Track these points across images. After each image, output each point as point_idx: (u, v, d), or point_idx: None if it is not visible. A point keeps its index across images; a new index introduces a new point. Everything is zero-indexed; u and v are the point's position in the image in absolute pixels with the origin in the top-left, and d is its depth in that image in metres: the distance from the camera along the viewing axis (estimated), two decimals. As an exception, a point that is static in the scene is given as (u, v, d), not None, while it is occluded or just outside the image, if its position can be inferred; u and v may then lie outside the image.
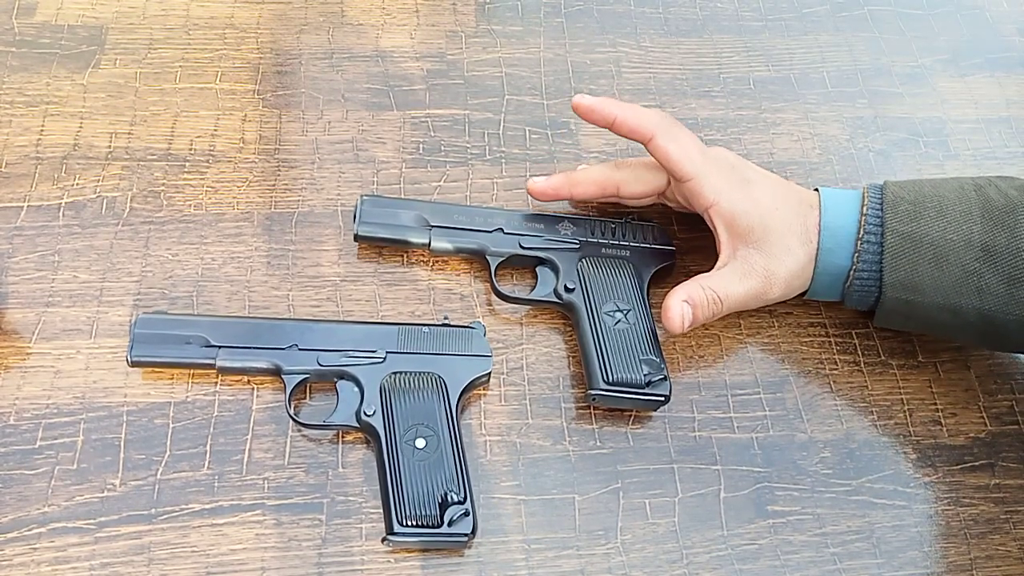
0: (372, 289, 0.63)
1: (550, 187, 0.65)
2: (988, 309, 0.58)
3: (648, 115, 0.61)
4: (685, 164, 0.60)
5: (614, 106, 0.61)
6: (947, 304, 0.58)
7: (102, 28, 0.74)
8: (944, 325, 0.60)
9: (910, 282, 0.58)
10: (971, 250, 0.57)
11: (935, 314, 0.59)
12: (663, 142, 0.60)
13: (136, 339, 0.57)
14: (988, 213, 0.58)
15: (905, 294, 0.59)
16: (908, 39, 0.83)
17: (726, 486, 0.59)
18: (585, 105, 0.61)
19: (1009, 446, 0.62)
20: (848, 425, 0.62)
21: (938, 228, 0.58)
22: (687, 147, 0.61)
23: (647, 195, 0.65)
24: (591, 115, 0.62)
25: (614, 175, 0.65)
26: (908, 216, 0.58)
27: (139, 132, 0.68)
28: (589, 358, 0.59)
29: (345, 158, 0.69)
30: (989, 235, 0.57)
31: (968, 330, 0.60)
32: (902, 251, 0.58)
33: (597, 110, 0.61)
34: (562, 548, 0.56)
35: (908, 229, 0.58)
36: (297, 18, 0.76)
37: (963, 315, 0.58)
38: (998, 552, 0.58)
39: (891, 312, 0.61)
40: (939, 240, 0.58)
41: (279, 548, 0.54)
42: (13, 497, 0.54)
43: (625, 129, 0.61)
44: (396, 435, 0.55)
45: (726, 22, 0.82)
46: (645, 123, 0.61)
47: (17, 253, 0.62)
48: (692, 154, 0.61)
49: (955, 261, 0.57)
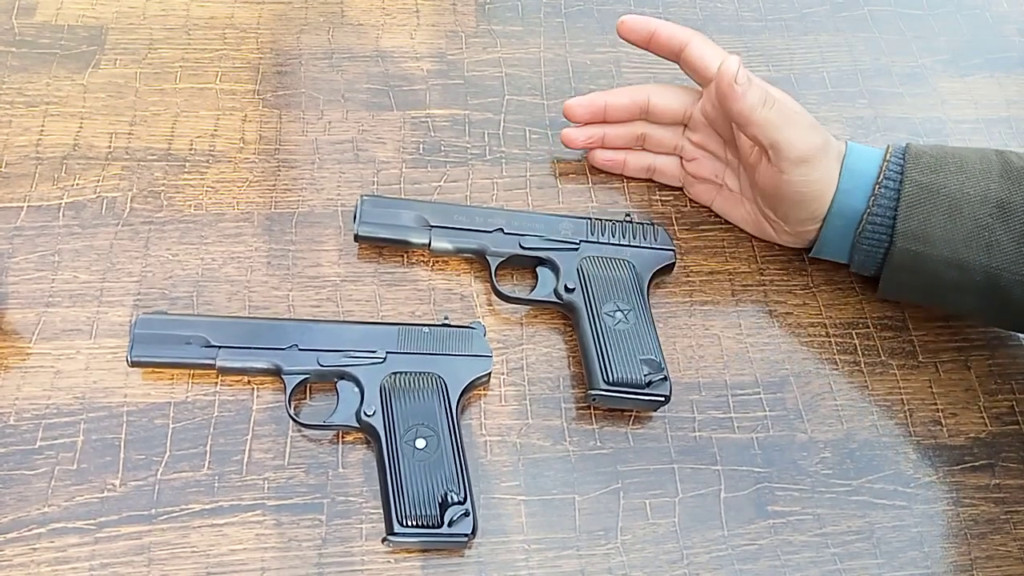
0: (372, 289, 0.63)
1: (585, 100, 0.67)
2: (995, 267, 0.58)
3: (685, 28, 0.65)
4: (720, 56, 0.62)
5: (652, 21, 0.65)
6: (955, 259, 0.59)
7: (102, 28, 0.74)
8: (949, 284, 0.60)
9: (922, 232, 0.59)
10: (986, 205, 0.58)
11: (942, 270, 0.60)
12: (698, 43, 0.63)
13: (136, 339, 0.57)
14: (1007, 173, 0.59)
15: (915, 245, 0.59)
16: (908, 39, 0.83)
17: (726, 486, 0.59)
18: (628, 21, 0.65)
19: (1009, 446, 0.62)
20: (848, 425, 0.62)
21: (956, 182, 0.59)
22: (721, 51, 0.63)
23: (676, 110, 0.67)
24: (632, 30, 0.65)
25: (645, 87, 0.68)
26: (928, 168, 0.60)
27: (139, 132, 0.68)
28: (589, 358, 0.59)
29: (345, 158, 0.69)
30: (1006, 192, 0.58)
31: (972, 292, 0.60)
32: (918, 200, 0.59)
33: (639, 23, 0.65)
34: (562, 548, 0.56)
35: (927, 180, 0.59)
36: (297, 18, 0.76)
37: (969, 272, 0.59)
38: (998, 552, 0.58)
39: (897, 269, 0.61)
40: (956, 193, 0.59)
41: (279, 548, 0.54)
42: (13, 497, 0.54)
43: (664, 37, 0.64)
44: (396, 435, 0.55)
45: (726, 22, 0.82)
46: (683, 31, 0.64)
47: (17, 253, 0.62)
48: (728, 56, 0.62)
49: (969, 214, 0.58)
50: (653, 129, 0.68)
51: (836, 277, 0.68)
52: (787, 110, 0.60)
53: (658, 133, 0.68)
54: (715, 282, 0.67)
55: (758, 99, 0.59)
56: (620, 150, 0.69)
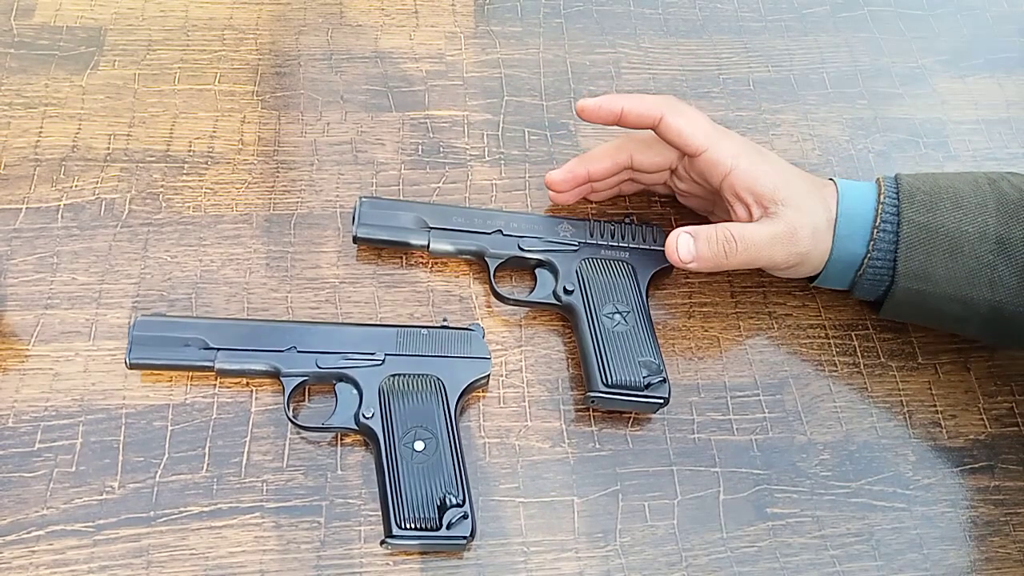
0: (371, 291, 0.63)
1: (566, 172, 0.65)
2: (999, 301, 0.58)
3: (653, 98, 0.62)
4: (698, 136, 0.60)
5: (618, 98, 0.62)
6: (959, 295, 0.59)
7: (101, 29, 0.74)
8: (953, 317, 0.60)
9: (923, 272, 0.59)
10: (986, 242, 0.58)
11: (945, 305, 0.59)
12: (672, 119, 0.61)
13: (135, 341, 0.56)
14: (1003, 206, 0.58)
15: (917, 284, 0.59)
16: (908, 39, 0.82)
17: (725, 488, 0.59)
18: (590, 106, 0.62)
19: (1009, 448, 0.62)
20: (848, 427, 0.62)
21: (954, 219, 0.58)
22: (697, 120, 0.61)
23: (660, 167, 0.65)
24: (598, 113, 0.62)
25: (627, 144, 0.65)
26: (924, 207, 0.59)
27: (138, 134, 0.68)
28: (588, 360, 0.59)
29: (344, 160, 0.69)
30: (1004, 228, 0.58)
31: (976, 322, 0.60)
32: (918, 241, 0.58)
33: (603, 106, 0.62)
34: (561, 550, 0.56)
35: (924, 219, 0.58)
36: (296, 19, 0.76)
37: (974, 307, 0.59)
38: (997, 554, 0.58)
39: (900, 303, 0.61)
40: (954, 231, 0.58)
41: (278, 551, 0.54)
42: (11, 500, 0.54)
43: (633, 116, 0.61)
44: (395, 437, 0.55)
45: (726, 23, 0.81)
46: (652, 106, 0.61)
47: (16, 255, 0.62)
48: (703, 126, 0.61)
49: (970, 253, 0.58)
50: (639, 175, 0.67)
51: (835, 278, 0.67)
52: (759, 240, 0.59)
53: (646, 179, 0.67)
54: (714, 284, 0.67)
55: (717, 258, 0.59)
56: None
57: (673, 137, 0.61)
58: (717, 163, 0.60)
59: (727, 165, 0.60)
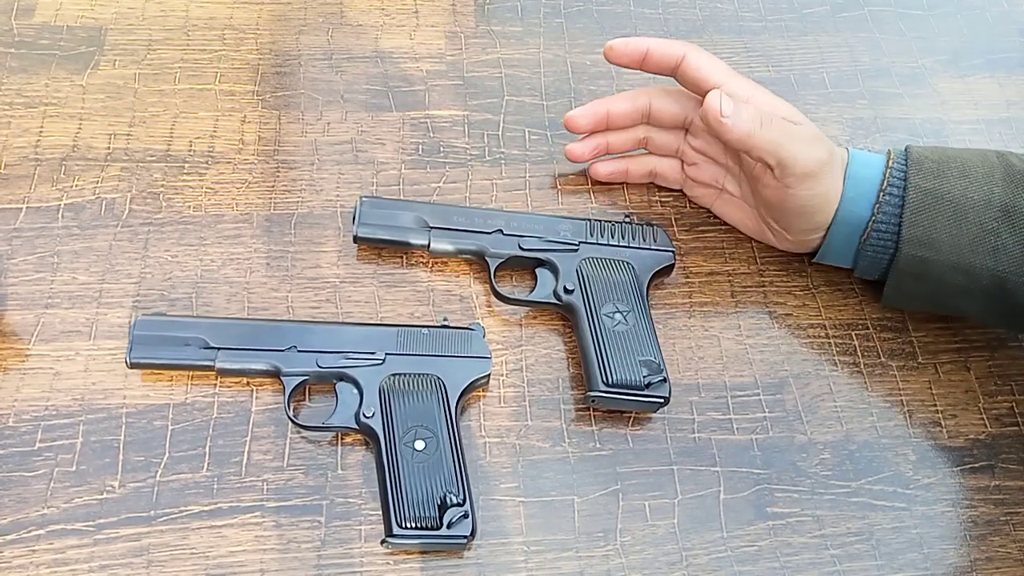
0: (371, 290, 0.63)
1: (586, 111, 0.66)
2: (1002, 271, 0.58)
3: (677, 41, 0.64)
4: (719, 70, 0.62)
5: (643, 40, 0.64)
6: (961, 263, 0.59)
7: (101, 29, 0.74)
8: (955, 289, 0.60)
9: (927, 238, 0.59)
10: (991, 210, 0.58)
11: (948, 275, 0.60)
12: (694, 56, 0.63)
13: (135, 341, 0.57)
14: (1010, 176, 0.59)
15: (921, 251, 0.59)
16: (908, 39, 0.83)
17: (726, 488, 0.59)
18: (618, 44, 0.64)
19: (1009, 447, 0.62)
20: (848, 426, 0.62)
21: (960, 187, 0.59)
22: (717, 61, 0.63)
23: (677, 118, 0.67)
24: (625, 50, 0.64)
25: (646, 90, 0.67)
26: (932, 173, 0.59)
27: (138, 133, 0.68)
28: (588, 360, 0.59)
29: (344, 159, 0.69)
30: (1010, 196, 0.58)
31: (978, 296, 0.60)
32: (923, 206, 0.59)
33: (630, 45, 0.64)
34: (561, 550, 0.56)
35: (931, 185, 0.59)
36: (296, 19, 0.76)
37: (976, 277, 0.59)
38: (998, 554, 0.58)
39: (903, 275, 0.61)
40: (960, 198, 0.59)
41: (278, 550, 0.54)
42: (12, 499, 0.54)
43: (658, 55, 0.64)
44: (395, 437, 0.55)
45: (726, 23, 0.81)
46: (676, 44, 0.63)
47: (16, 255, 0.62)
48: (722, 65, 0.63)
49: (974, 219, 0.58)
50: (655, 133, 0.68)
51: (836, 278, 0.67)
52: (786, 127, 0.60)
53: (660, 137, 0.68)
54: (715, 283, 0.67)
55: (751, 124, 0.59)
56: (622, 159, 0.69)
57: (693, 72, 0.63)
58: (733, 95, 0.61)
59: (743, 98, 0.61)
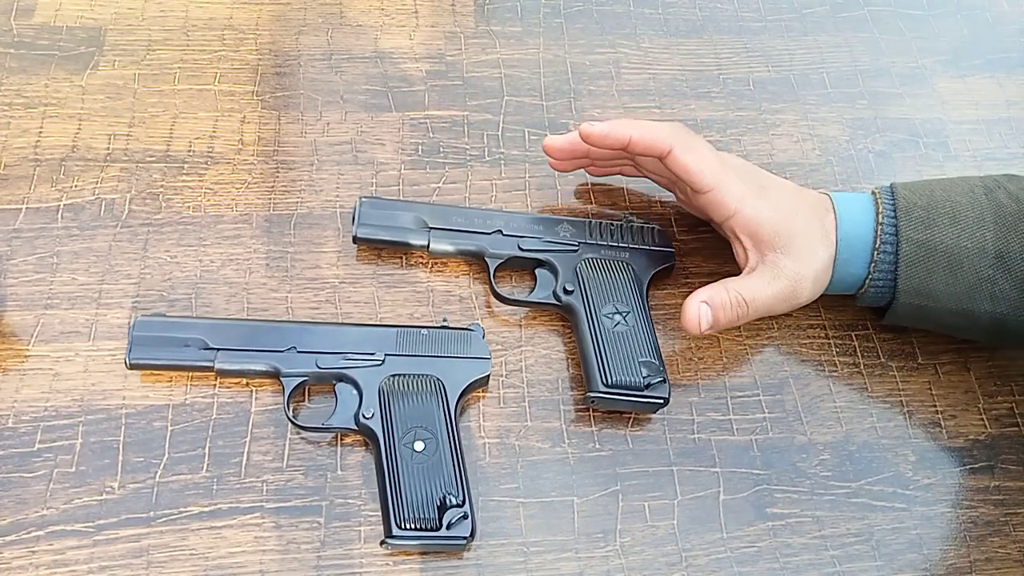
0: (371, 291, 0.63)
1: (565, 141, 0.64)
2: (1001, 313, 0.58)
3: (662, 128, 0.60)
4: (706, 175, 0.59)
5: (626, 126, 0.60)
6: (960, 309, 0.59)
7: (101, 29, 0.74)
8: (956, 327, 0.61)
9: (924, 289, 0.59)
10: (985, 257, 0.58)
11: (947, 318, 0.60)
12: (680, 154, 0.59)
13: (134, 341, 0.56)
14: (1001, 219, 0.58)
15: (919, 300, 0.59)
16: (908, 39, 0.82)
17: (725, 488, 0.59)
18: (596, 132, 0.60)
19: (1009, 448, 0.62)
20: (848, 427, 0.62)
21: (952, 235, 0.58)
22: (705, 157, 0.60)
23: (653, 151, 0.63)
24: (605, 139, 0.61)
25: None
26: (922, 224, 0.58)
27: (138, 134, 0.68)
28: (588, 360, 0.59)
29: (344, 160, 0.69)
30: (1002, 242, 0.58)
31: (979, 331, 0.61)
32: (916, 259, 0.58)
33: (611, 133, 0.60)
34: (561, 551, 0.56)
35: (922, 237, 0.58)
36: (296, 19, 0.76)
37: (976, 319, 0.59)
38: (997, 554, 0.58)
39: (902, 316, 0.61)
40: (953, 248, 0.58)
41: (278, 551, 0.54)
42: (11, 500, 0.54)
43: (641, 147, 0.60)
44: (395, 438, 0.55)
45: (726, 23, 0.81)
46: (661, 137, 0.60)
47: (16, 255, 0.62)
48: (711, 164, 0.60)
49: (969, 268, 0.58)
50: (638, 159, 0.66)
51: (835, 278, 0.68)
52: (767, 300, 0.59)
53: (643, 162, 0.66)
54: (714, 283, 0.67)
55: (732, 323, 0.59)
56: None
57: (680, 173, 0.60)
58: (721, 204, 0.60)
59: (731, 208, 0.60)
